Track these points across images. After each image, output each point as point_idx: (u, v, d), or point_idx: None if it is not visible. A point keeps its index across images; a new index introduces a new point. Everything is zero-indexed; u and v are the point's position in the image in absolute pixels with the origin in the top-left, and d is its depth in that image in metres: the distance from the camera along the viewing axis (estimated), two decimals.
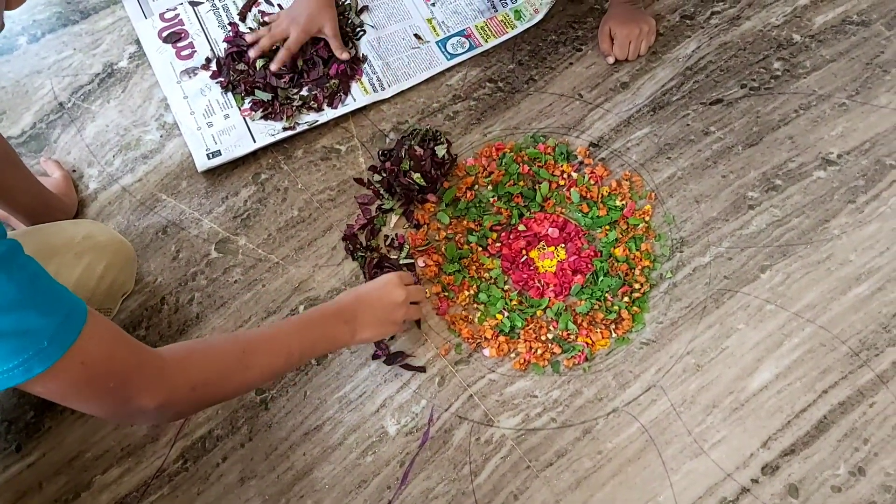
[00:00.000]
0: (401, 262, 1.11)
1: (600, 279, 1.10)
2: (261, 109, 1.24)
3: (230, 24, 1.33)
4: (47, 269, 0.65)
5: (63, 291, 0.64)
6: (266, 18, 1.32)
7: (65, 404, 0.66)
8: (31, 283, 0.61)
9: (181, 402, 0.71)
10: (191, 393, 0.71)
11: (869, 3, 1.34)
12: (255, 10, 1.35)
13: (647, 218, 1.15)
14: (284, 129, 1.22)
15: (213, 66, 1.29)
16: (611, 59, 1.28)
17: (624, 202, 1.15)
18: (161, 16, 1.35)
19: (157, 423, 0.78)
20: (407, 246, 1.13)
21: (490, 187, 1.18)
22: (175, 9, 1.36)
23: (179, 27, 1.34)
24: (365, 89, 1.27)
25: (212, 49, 1.31)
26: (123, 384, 0.66)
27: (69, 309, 0.62)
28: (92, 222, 1.04)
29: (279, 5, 1.35)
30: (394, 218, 1.16)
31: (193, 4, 1.36)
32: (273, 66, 1.24)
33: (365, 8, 1.35)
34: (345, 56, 1.26)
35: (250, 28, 1.32)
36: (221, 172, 1.21)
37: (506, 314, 1.08)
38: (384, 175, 1.17)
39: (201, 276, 1.13)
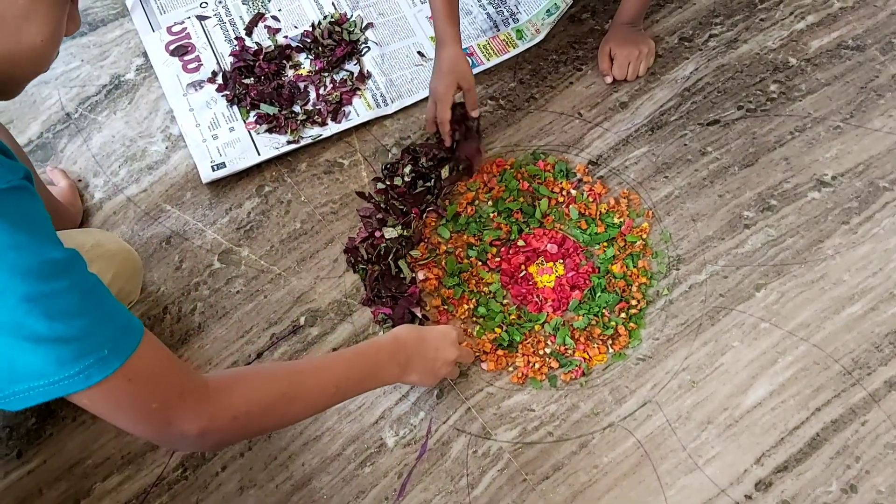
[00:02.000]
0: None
1: (598, 295, 1.11)
2: (265, 123, 1.25)
3: (237, 38, 1.35)
4: None
5: (120, 305, 0.63)
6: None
7: (111, 422, 0.65)
8: (93, 291, 0.61)
9: (221, 431, 0.69)
10: (232, 422, 0.69)
11: (864, 29, 1.36)
12: (261, 24, 1.37)
13: (644, 235, 1.16)
14: (289, 142, 1.24)
15: (220, 80, 1.30)
16: (609, 79, 1.30)
17: (622, 220, 1.17)
18: (168, 29, 1.37)
19: (200, 450, 0.73)
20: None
21: (490, 203, 1.19)
22: (182, 23, 1.38)
23: (186, 41, 1.36)
24: (368, 105, 1.29)
25: (218, 63, 1.33)
26: (165, 407, 0.65)
27: (127, 321, 0.63)
28: (101, 231, 1.05)
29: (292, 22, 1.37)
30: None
31: (201, 18, 1.38)
32: (473, 113, 1.17)
33: (370, 25, 1.37)
34: (475, 114, 1.18)
35: (257, 43, 1.34)
36: (226, 184, 1.23)
37: (504, 328, 1.09)
38: (386, 185, 1.19)
39: (204, 286, 1.14)
